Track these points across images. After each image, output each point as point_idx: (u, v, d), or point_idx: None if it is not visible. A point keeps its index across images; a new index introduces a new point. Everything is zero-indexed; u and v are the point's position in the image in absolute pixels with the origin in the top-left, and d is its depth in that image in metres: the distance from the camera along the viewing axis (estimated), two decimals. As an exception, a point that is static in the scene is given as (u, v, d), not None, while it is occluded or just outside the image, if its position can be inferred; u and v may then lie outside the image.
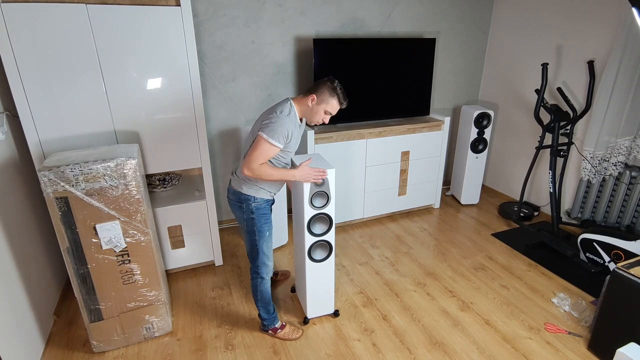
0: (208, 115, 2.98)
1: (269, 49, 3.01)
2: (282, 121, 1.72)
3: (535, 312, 2.32)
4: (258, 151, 1.71)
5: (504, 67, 3.68)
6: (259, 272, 2.01)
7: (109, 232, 1.83)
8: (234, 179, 1.93)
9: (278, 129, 1.70)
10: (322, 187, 1.94)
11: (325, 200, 1.99)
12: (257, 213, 1.89)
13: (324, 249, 2.11)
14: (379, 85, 3.20)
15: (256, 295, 2.06)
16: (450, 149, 3.99)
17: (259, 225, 1.91)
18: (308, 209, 1.96)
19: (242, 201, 1.88)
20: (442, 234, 3.23)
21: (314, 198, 1.95)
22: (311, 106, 1.79)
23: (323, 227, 2.06)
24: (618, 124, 2.78)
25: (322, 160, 2.04)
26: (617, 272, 1.85)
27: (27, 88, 1.97)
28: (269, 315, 2.10)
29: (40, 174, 1.65)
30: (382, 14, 3.25)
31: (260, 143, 1.70)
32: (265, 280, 2.03)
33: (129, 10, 2.04)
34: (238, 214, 1.94)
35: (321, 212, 2.00)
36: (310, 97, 1.78)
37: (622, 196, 2.88)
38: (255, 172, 1.72)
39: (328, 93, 1.77)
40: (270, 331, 2.13)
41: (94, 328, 1.97)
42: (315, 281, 2.16)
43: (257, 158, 1.71)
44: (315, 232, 2.04)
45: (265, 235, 1.95)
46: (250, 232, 1.93)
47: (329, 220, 2.04)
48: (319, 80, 1.82)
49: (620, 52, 2.61)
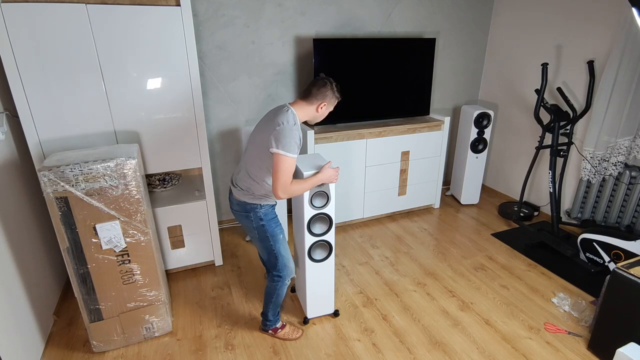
0: (208, 115, 2.98)
1: (269, 49, 3.01)
2: (292, 132, 1.70)
3: (535, 312, 2.32)
4: (282, 170, 1.68)
5: (504, 67, 3.68)
6: (281, 275, 1.99)
7: (109, 232, 1.83)
8: (235, 190, 1.89)
9: (291, 141, 1.68)
10: (321, 187, 1.94)
11: (325, 200, 1.99)
12: (266, 219, 1.88)
13: (324, 249, 2.11)
14: (379, 85, 3.20)
15: (271, 297, 2.04)
16: (450, 149, 3.99)
17: (271, 230, 1.90)
18: (308, 209, 1.97)
19: (249, 210, 1.86)
20: (442, 234, 3.23)
21: (314, 198, 1.96)
22: (320, 112, 1.84)
23: (323, 227, 2.06)
24: (618, 124, 2.78)
25: (322, 159, 2.05)
26: (617, 272, 1.85)
27: (27, 88, 1.97)
28: (274, 317, 2.10)
29: (40, 174, 1.65)
30: (382, 13, 3.25)
31: (281, 161, 1.67)
32: (286, 284, 2.02)
33: (129, 10, 2.04)
34: (246, 224, 1.92)
35: (321, 212, 2.00)
36: (319, 104, 1.81)
37: (622, 196, 2.88)
38: (289, 192, 1.72)
39: (332, 96, 1.83)
40: (270, 331, 2.13)
41: (94, 328, 1.97)
42: (315, 281, 2.16)
43: (285, 176, 1.69)
44: (315, 232, 2.04)
45: (280, 237, 1.94)
46: (264, 239, 1.91)
47: (329, 220, 2.04)
48: (316, 83, 1.81)
49: (620, 52, 2.61)
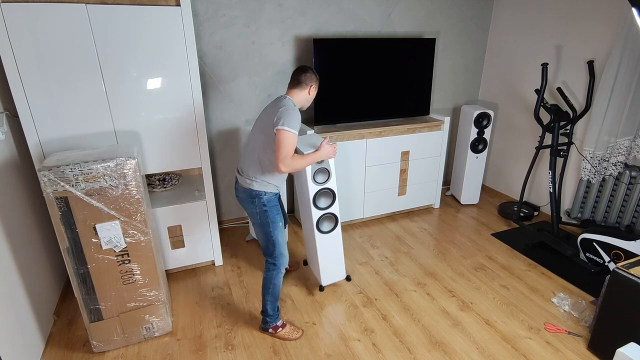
0: (208, 115, 2.98)
1: (269, 49, 3.01)
2: (294, 112, 1.87)
3: (535, 312, 2.32)
4: (284, 145, 1.80)
5: (504, 67, 3.68)
6: (276, 263, 2.07)
7: (108, 232, 1.83)
8: (241, 178, 2.00)
9: (293, 118, 1.83)
10: (322, 164, 2.19)
11: (326, 176, 2.24)
12: (269, 205, 1.99)
13: (331, 221, 2.34)
14: (378, 85, 3.20)
15: (268, 288, 2.08)
16: (450, 149, 3.99)
17: (272, 216, 2.00)
18: (312, 185, 2.21)
19: (254, 197, 1.97)
20: (442, 234, 3.23)
21: (316, 174, 2.20)
22: (311, 95, 2.01)
23: (327, 200, 2.29)
24: (618, 124, 2.78)
25: (319, 138, 2.25)
26: (617, 272, 1.85)
27: (27, 88, 1.97)
28: (274, 311, 2.12)
29: (40, 174, 1.65)
30: (382, 13, 3.25)
31: (284, 136, 1.79)
32: (281, 273, 2.09)
33: (129, 10, 2.04)
34: (250, 209, 2.02)
35: (324, 187, 2.24)
36: (309, 87, 1.98)
37: (622, 196, 2.88)
38: (290, 166, 1.83)
39: (316, 78, 2.02)
40: (270, 330, 2.13)
41: (94, 328, 1.97)
42: (325, 251, 2.39)
43: (287, 151, 1.81)
44: (321, 206, 2.27)
45: (279, 225, 2.03)
46: (265, 225, 2.01)
47: (332, 194, 2.28)
48: (300, 72, 1.98)
49: (620, 52, 2.61)
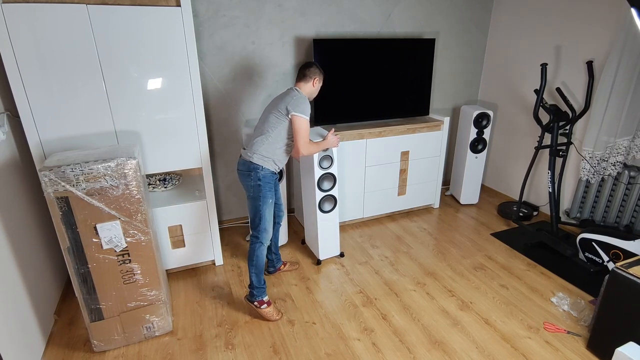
0: (208, 115, 2.99)
1: (269, 49, 3.01)
2: (305, 100, 2.11)
3: (535, 312, 2.32)
4: (302, 131, 2.07)
5: (503, 67, 3.69)
6: (259, 237, 2.20)
7: (109, 232, 1.84)
8: (244, 152, 2.18)
9: (306, 105, 2.08)
10: (326, 152, 2.51)
11: (330, 162, 2.56)
12: (264, 181, 2.13)
13: (331, 202, 2.67)
14: (378, 85, 3.21)
15: (252, 260, 2.21)
16: (450, 149, 4.00)
17: (264, 192, 2.13)
18: (317, 170, 2.54)
19: (251, 170, 2.12)
20: (442, 234, 3.24)
21: (322, 161, 2.53)
22: (316, 87, 2.22)
23: (329, 184, 2.62)
24: (617, 124, 2.79)
25: (323, 130, 2.65)
26: (616, 272, 1.86)
27: (28, 88, 1.97)
28: (259, 284, 2.23)
29: (40, 174, 1.66)
30: (382, 14, 3.26)
31: (300, 123, 2.06)
32: (263, 247, 2.21)
33: (130, 11, 2.04)
34: (246, 182, 2.16)
35: (327, 172, 2.58)
36: (312, 81, 2.19)
37: (621, 196, 2.89)
38: (309, 149, 2.14)
39: (320, 72, 2.22)
40: (256, 302, 2.24)
41: (95, 327, 1.98)
42: (324, 229, 2.71)
43: (305, 136, 2.09)
44: (324, 188, 2.60)
45: (268, 202, 2.17)
46: (256, 198, 2.15)
47: (333, 178, 2.61)
48: (305, 67, 2.19)
49: (619, 53, 2.62)
